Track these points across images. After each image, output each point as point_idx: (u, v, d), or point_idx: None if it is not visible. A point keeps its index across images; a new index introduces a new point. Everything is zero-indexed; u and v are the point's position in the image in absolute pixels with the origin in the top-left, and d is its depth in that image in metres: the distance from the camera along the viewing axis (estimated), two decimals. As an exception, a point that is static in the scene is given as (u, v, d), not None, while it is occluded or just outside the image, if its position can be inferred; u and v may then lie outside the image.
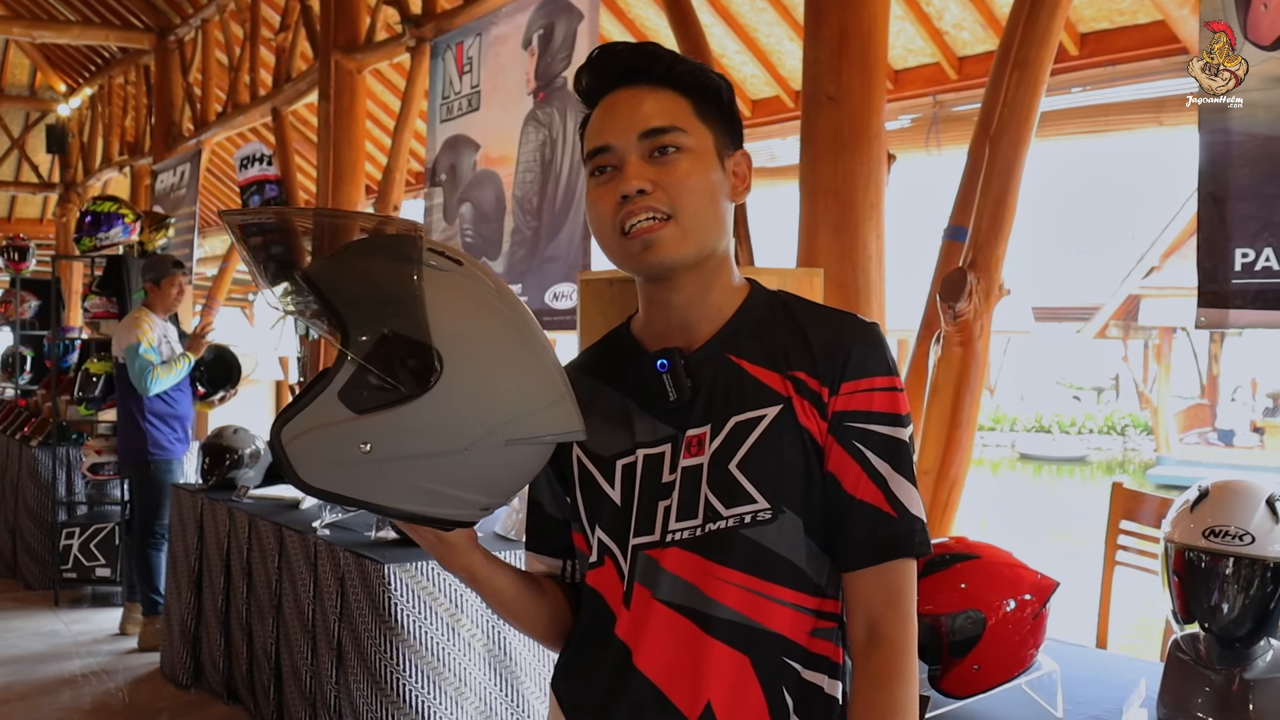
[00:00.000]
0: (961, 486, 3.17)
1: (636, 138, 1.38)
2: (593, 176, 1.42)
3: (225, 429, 5.59)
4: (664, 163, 1.38)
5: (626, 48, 1.45)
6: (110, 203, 7.28)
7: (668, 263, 1.38)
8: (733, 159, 1.46)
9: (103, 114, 13.34)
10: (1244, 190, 2.59)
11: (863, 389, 1.40)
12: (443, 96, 5.78)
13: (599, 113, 1.43)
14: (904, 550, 1.39)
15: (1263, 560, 2.10)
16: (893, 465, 1.39)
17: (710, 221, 1.41)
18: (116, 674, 5.71)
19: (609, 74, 1.44)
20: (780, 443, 1.39)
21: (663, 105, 1.40)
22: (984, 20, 5.09)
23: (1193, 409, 22.43)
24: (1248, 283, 2.60)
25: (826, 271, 3.16)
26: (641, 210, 1.36)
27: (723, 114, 1.45)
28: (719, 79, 1.46)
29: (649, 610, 1.40)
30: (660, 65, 1.42)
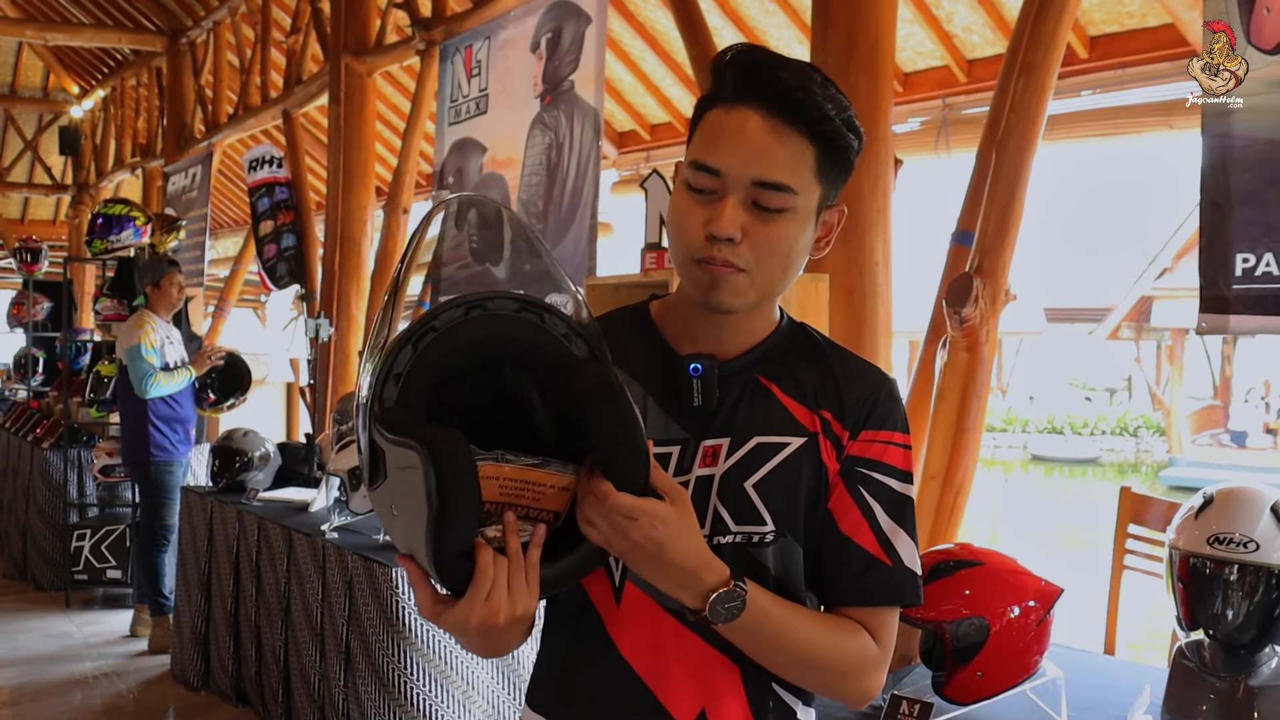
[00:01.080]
0: (968, 492, 3.17)
1: (750, 181, 1.32)
2: (689, 185, 1.36)
3: (235, 431, 5.60)
4: (763, 218, 1.33)
5: (785, 72, 1.33)
6: (121, 205, 7.30)
7: (727, 307, 1.37)
8: (829, 212, 1.40)
9: (115, 116, 13.40)
10: (1246, 195, 2.59)
11: (880, 439, 1.41)
12: (451, 100, 5.80)
13: (723, 124, 1.34)
14: (890, 598, 1.40)
15: (1267, 567, 2.10)
16: (895, 519, 1.40)
17: (781, 282, 1.39)
18: (127, 675, 5.73)
19: (754, 88, 1.33)
20: (800, 474, 1.40)
21: (788, 157, 1.32)
22: (994, 23, 5.08)
23: (1205, 410, 22.38)
24: (1249, 288, 2.59)
25: (833, 277, 3.16)
26: (722, 258, 1.33)
27: (841, 172, 1.38)
28: (855, 138, 1.36)
29: (649, 614, 1.40)
30: (809, 115, 1.31)
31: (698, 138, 1.37)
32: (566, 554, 1.27)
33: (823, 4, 3.38)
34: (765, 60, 1.34)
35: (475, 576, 1.20)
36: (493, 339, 1.25)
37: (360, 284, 6.88)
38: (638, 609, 1.40)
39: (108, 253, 7.11)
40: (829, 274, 3.17)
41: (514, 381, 1.31)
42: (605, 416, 1.23)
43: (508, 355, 1.28)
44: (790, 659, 1.37)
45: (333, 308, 6.91)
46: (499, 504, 1.22)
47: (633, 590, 1.40)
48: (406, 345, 1.21)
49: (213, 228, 10.85)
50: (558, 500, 1.26)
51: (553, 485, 1.24)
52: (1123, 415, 26.30)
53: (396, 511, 1.21)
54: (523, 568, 1.22)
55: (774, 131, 1.31)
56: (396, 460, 1.19)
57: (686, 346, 1.45)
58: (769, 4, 5.86)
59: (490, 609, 1.21)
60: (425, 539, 1.17)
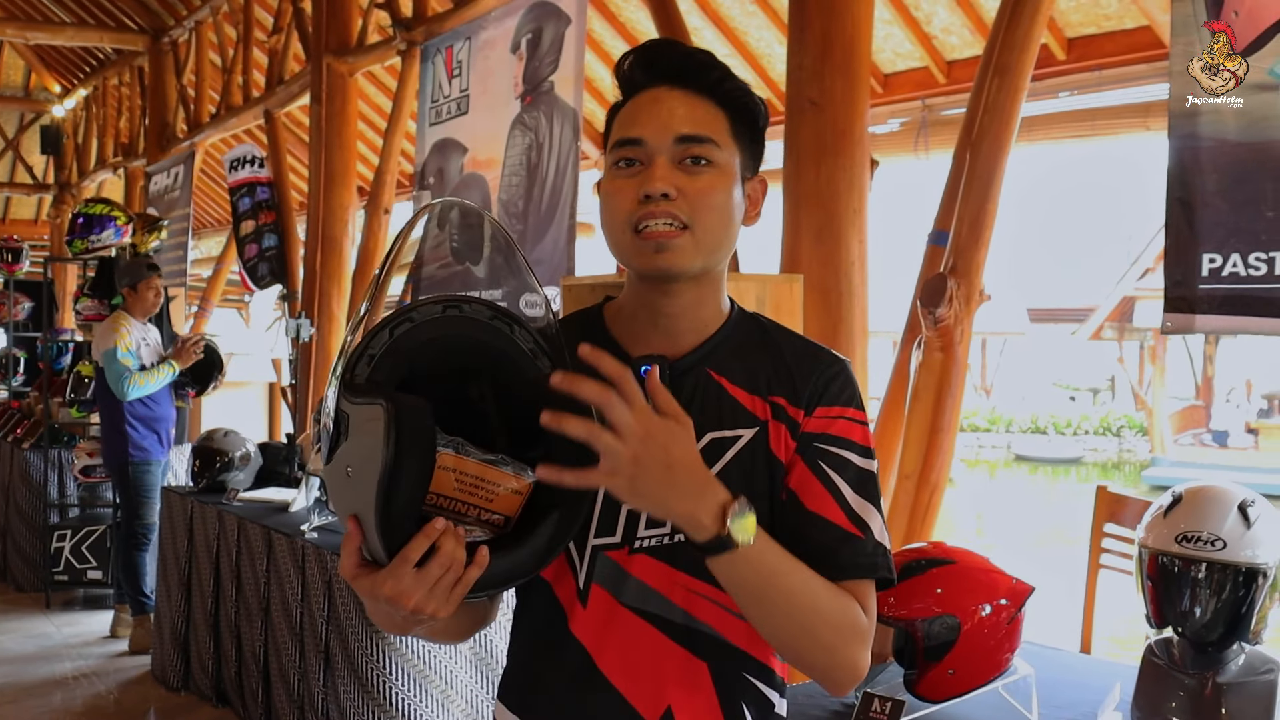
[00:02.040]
0: (942, 490, 3.18)
1: (672, 140, 1.37)
2: (615, 167, 1.41)
3: (216, 432, 5.59)
4: (693, 172, 1.37)
5: (680, 49, 1.44)
6: (102, 205, 7.27)
7: (674, 270, 1.39)
8: (751, 183, 1.46)
9: (97, 115, 13.36)
10: (1212, 196, 2.61)
11: (835, 415, 1.42)
12: (432, 100, 5.80)
13: (636, 104, 1.41)
14: (870, 570, 1.39)
15: (1234, 565, 2.11)
16: (861, 493, 1.40)
17: (722, 239, 1.41)
18: (107, 676, 5.71)
19: (656, 69, 1.42)
20: (753, 465, 1.41)
21: (702, 115, 1.39)
22: (972, 25, 5.10)
23: (1187, 410, 22.49)
24: (1215, 288, 2.61)
25: (808, 277, 3.17)
26: (662, 214, 1.35)
27: (753, 137, 1.45)
28: (760, 103, 1.45)
29: (614, 614, 1.40)
30: (710, 76, 1.41)
31: (614, 130, 1.43)
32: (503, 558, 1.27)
33: (799, 5, 3.39)
34: (662, 46, 1.45)
35: (405, 548, 1.20)
36: (464, 340, 1.29)
37: (341, 284, 6.87)
38: (603, 608, 1.41)
39: (88, 253, 7.08)
40: (804, 274, 3.18)
41: (474, 393, 1.33)
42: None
43: (476, 359, 1.31)
44: (793, 605, 1.32)
45: (314, 308, 6.90)
46: (452, 499, 1.24)
47: (598, 590, 1.41)
48: (384, 330, 1.26)
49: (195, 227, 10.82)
50: (509, 504, 1.27)
51: (507, 487, 1.26)
52: (1106, 415, 26.38)
53: (352, 471, 1.22)
54: (455, 569, 1.22)
55: (684, 98, 1.40)
56: (360, 418, 1.21)
57: (638, 347, 1.46)
58: (749, 5, 5.87)
59: (403, 588, 1.20)
60: (377, 489, 1.18)
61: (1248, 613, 2.13)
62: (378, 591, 1.21)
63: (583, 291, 3.03)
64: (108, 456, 6.20)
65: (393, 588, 1.20)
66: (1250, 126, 2.55)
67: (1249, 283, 2.56)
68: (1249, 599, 2.12)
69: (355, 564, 1.24)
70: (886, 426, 3.43)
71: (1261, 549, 2.12)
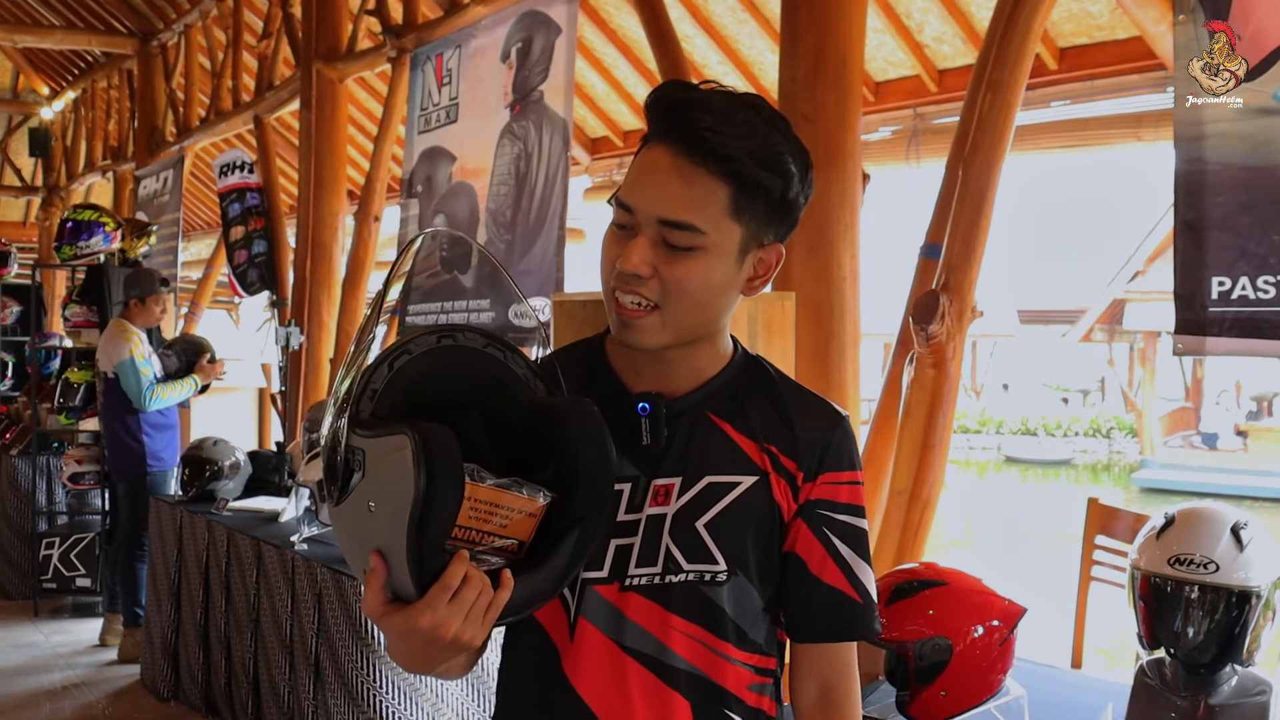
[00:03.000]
0: (934, 508, 3.18)
1: (655, 219, 1.33)
2: (614, 219, 1.39)
3: (205, 440, 5.57)
4: (672, 256, 1.33)
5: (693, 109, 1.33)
6: (91, 210, 7.23)
7: (639, 346, 1.39)
8: (762, 251, 1.39)
9: (86, 118, 13.31)
10: (1220, 220, 2.62)
11: (840, 481, 1.46)
12: (421, 108, 5.78)
13: (642, 161, 1.36)
14: (863, 633, 1.49)
15: (1226, 588, 2.12)
16: (856, 552, 1.47)
17: (698, 321, 1.39)
18: (96, 686, 5.69)
19: (663, 127, 1.35)
20: (750, 513, 1.42)
21: (695, 196, 1.32)
22: (964, 34, 5.10)
23: (1177, 412, 22.53)
24: (1224, 310, 2.62)
25: (800, 292, 3.17)
26: (631, 293, 1.35)
27: (769, 209, 1.36)
28: (776, 176, 1.34)
29: (611, 656, 1.40)
30: (716, 154, 1.31)
31: (628, 174, 1.40)
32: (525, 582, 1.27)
33: (791, 19, 3.38)
34: (682, 100, 1.35)
35: (443, 576, 1.19)
36: (459, 369, 1.30)
37: (331, 291, 6.85)
38: (591, 644, 1.40)
39: (77, 258, 7.04)
40: (796, 289, 3.18)
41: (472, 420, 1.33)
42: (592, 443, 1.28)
43: (472, 387, 1.31)
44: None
45: (304, 315, 6.88)
46: (467, 528, 1.22)
47: (586, 625, 1.41)
48: (383, 364, 1.26)
49: (185, 230, 10.76)
50: (524, 528, 1.26)
51: (521, 510, 1.25)
52: (1096, 417, 26.43)
53: (374, 506, 1.21)
54: (486, 593, 1.21)
55: (681, 170, 1.32)
56: (379, 450, 1.20)
57: (638, 383, 1.45)
58: (741, 13, 5.86)
59: (443, 618, 1.19)
60: (409, 521, 1.17)
61: (1240, 634, 2.14)
62: (413, 625, 1.20)
63: (574, 307, 3.02)
64: (120, 467, 6.17)
65: (430, 619, 1.19)
66: (1255, 150, 2.56)
67: (1259, 305, 2.58)
68: (1241, 621, 2.13)
69: (382, 601, 1.22)
70: (878, 442, 3.42)
71: (1254, 571, 2.13)
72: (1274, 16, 2.50)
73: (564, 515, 1.28)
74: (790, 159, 1.36)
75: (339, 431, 1.24)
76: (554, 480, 1.28)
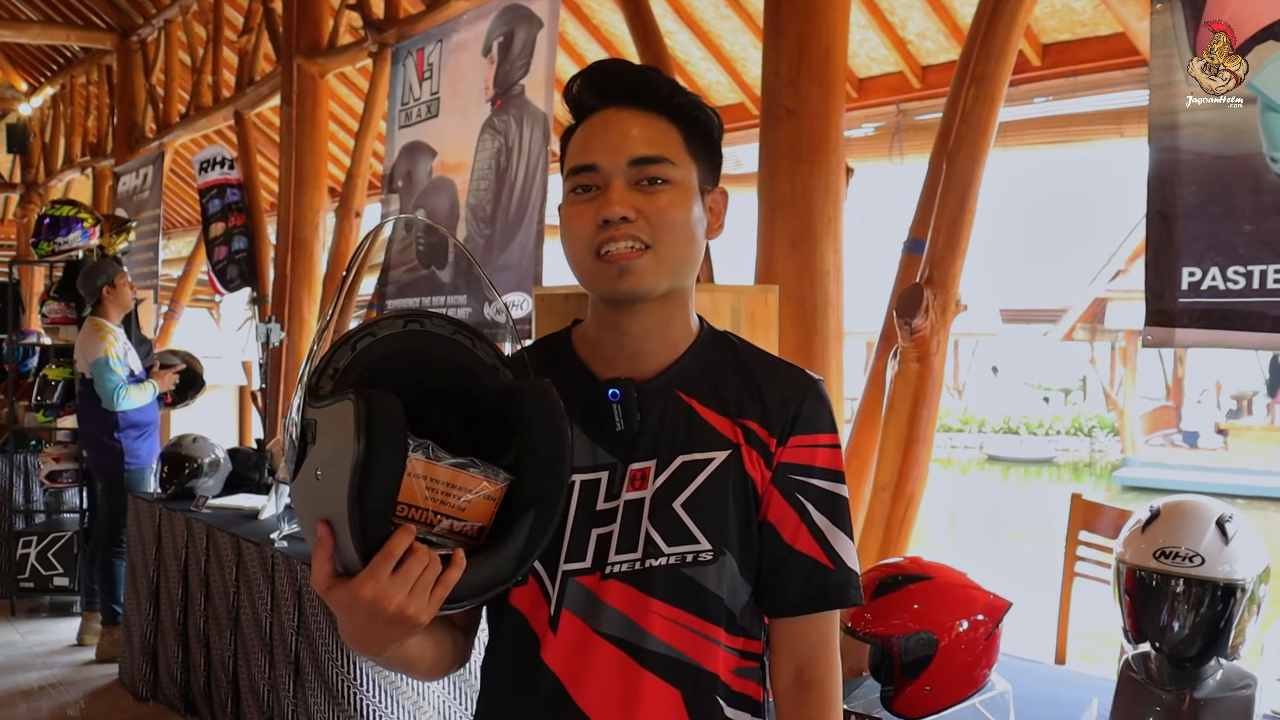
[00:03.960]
0: (918, 502, 3.17)
1: (626, 163, 1.37)
2: (573, 193, 1.40)
3: (184, 438, 5.53)
4: (650, 192, 1.37)
5: (627, 68, 1.44)
6: (69, 207, 7.19)
7: (640, 292, 1.38)
8: (711, 195, 1.45)
9: (65, 114, 13.22)
10: (1192, 209, 2.61)
11: (809, 444, 1.43)
12: (402, 103, 5.74)
13: (588, 129, 1.41)
14: (838, 601, 1.44)
15: (1212, 581, 2.11)
16: (832, 519, 1.43)
17: (685, 256, 1.41)
18: (74, 686, 5.64)
19: (605, 91, 1.41)
20: (726, 488, 1.40)
21: (655, 133, 1.39)
22: (947, 30, 5.10)
23: (1158, 411, 22.62)
24: (1194, 301, 2.61)
25: (784, 286, 3.15)
26: (623, 237, 1.35)
27: (709, 149, 1.45)
28: (713, 114, 1.45)
29: (586, 642, 1.39)
30: (660, 93, 1.40)
31: (569, 155, 1.43)
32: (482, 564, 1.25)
33: (774, 13, 3.37)
34: (607, 66, 1.44)
35: (386, 545, 1.17)
36: (426, 354, 1.29)
37: (312, 288, 6.80)
38: (572, 633, 1.39)
39: (55, 255, 6.99)
40: (779, 283, 3.16)
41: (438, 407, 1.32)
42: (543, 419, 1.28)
43: (439, 373, 1.30)
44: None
45: (284, 311, 6.83)
46: (423, 509, 1.21)
47: (569, 616, 1.39)
48: (346, 345, 1.25)
49: (165, 228, 10.69)
50: (482, 511, 1.25)
51: (479, 492, 1.24)
52: (1077, 415, 26.53)
53: (321, 473, 1.20)
54: (434, 566, 1.19)
55: (633, 117, 1.40)
56: (327, 419, 1.20)
57: (606, 370, 1.45)
58: (724, 8, 5.85)
59: (384, 589, 1.17)
60: (349, 484, 1.15)
61: (1225, 628, 2.13)
62: (356, 596, 1.18)
63: (556, 301, 3.00)
64: (98, 465, 6.13)
65: (372, 589, 1.17)
66: (1228, 139, 2.55)
67: (1227, 296, 2.56)
68: (1227, 614, 2.12)
69: (328, 574, 1.20)
70: (862, 437, 3.41)
71: (1239, 564, 2.12)
72: (1249, 6, 2.50)
73: (520, 496, 1.27)
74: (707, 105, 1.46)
75: (297, 408, 1.24)
76: (514, 464, 1.28)
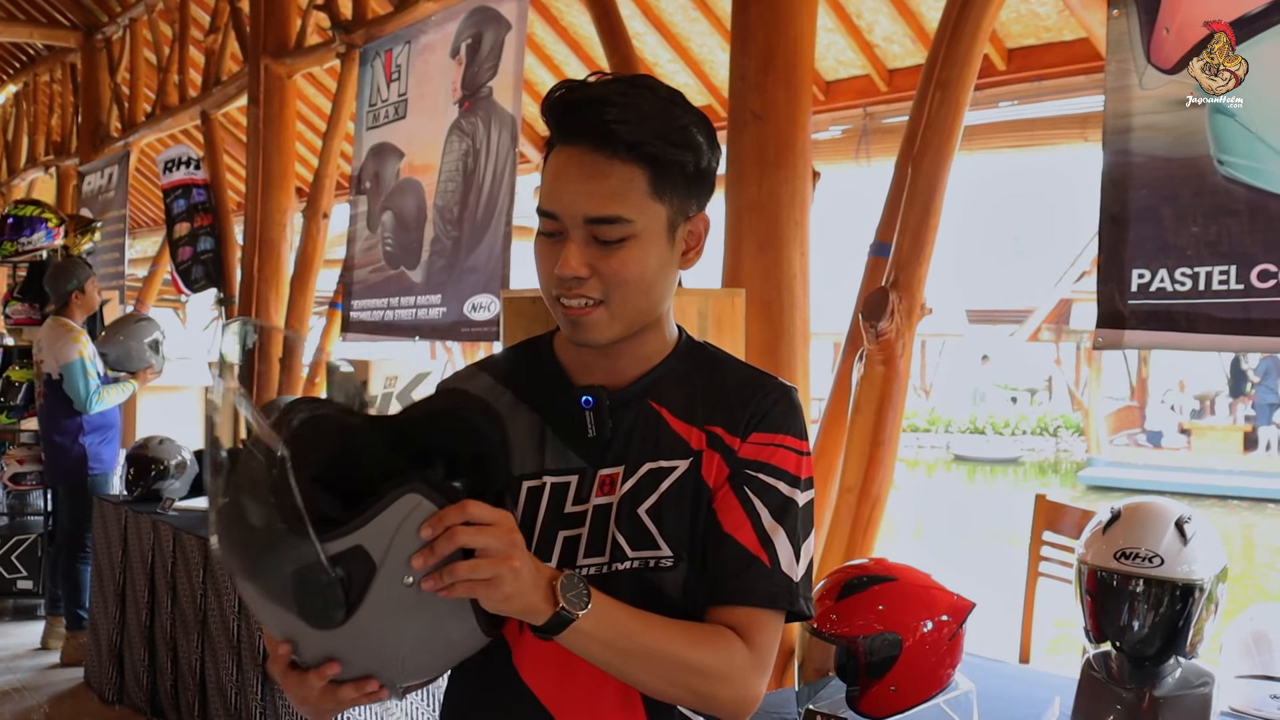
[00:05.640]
0: (884, 504, 3.19)
1: (582, 221, 1.35)
2: (541, 229, 1.39)
3: (151, 439, 5.50)
4: (606, 251, 1.35)
5: (594, 105, 1.34)
6: (33, 206, 7.13)
7: (591, 343, 1.40)
8: (690, 223, 1.42)
9: (28, 112, 13.10)
10: (1143, 211, 2.64)
11: (769, 442, 1.42)
12: (370, 104, 5.73)
13: (554, 166, 1.37)
14: (766, 600, 1.38)
15: (1171, 581, 2.14)
16: (779, 520, 1.39)
17: (644, 306, 1.40)
18: (39, 690, 5.60)
19: (566, 129, 1.37)
20: (686, 496, 1.41)
21: (615, 186, 1.34)
22: (913, 34, 5.13)
23: (1122, 411, 22.79)
24: (1143, 303, 2.64)
25: (750, 289, 3.17)
26: (574, 296, 1.36)
27: (687, 182, 1.39)
28: (688, 151, 1.37)
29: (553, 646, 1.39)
30: (625, 142, 1.33)
31: (542, 182, 1.40)
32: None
33: (742, 17, 3.39)
34: (579, 99, 1.36)
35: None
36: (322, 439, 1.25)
37: (280, 288, 6.78)
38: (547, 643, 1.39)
39: (18, 255, 6.94)
40: (746, 286, 3.18)
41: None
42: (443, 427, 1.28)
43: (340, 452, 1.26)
44: (655, 661, 1.32)
45: (251, 312, 6.80)
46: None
47: None
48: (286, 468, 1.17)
49: (131, 228, 10.61)
50: None
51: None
52: (1043, 416, 26.70)
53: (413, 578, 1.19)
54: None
55: (596, 166, 1.34)
56: (387, 527, 1.17)
57: (584, 377, 1.47)
58: (692, 11, 5.87)
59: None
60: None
61: (1184, 627, 2.16)
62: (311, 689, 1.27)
63: (523, 304, 3.01)
64: (59, 469, 6.07)
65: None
66: (1177, 142, 2.59)
67: (1174, 298, 2.60)
68: (1185, 614, 2.15)
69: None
70: (828, 440, 3.43)
71: (1198, 565, 2.15)
72: (1199, 9, 2.54)
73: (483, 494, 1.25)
74: (696, 130, 1.38)
75: (306, 558, 1.17)
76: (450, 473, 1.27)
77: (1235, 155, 2.49)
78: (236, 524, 1.21)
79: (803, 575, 1.41)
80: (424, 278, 5.04)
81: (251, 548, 1.21)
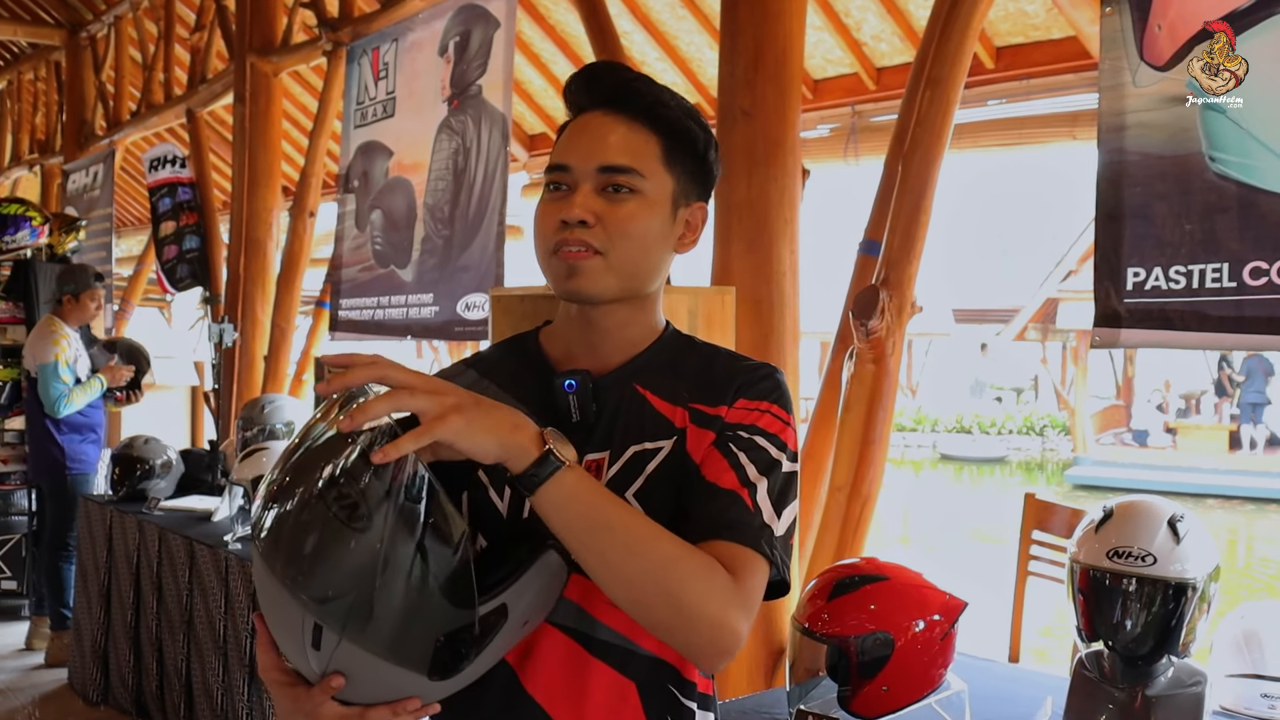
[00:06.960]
0: (874, 503, 3.18)
1: (595, 169, 1.38)
2: (547, 189, 1.43)
3: (136, 439, 5.46)
4: (613, 200, 1.38)
5: (617, 73, 1.45)
6: (17, 205, 7.09)
7: (584, 293, 1.39)
8: (689, 209, 1.46)
9: (12, 110, 13.03)
10: (1137, 209, 2.64)
11: (755, 407, 1.41)
12: (357, 102, 5.71)
13: (571, 130, 1.44)
14: (747, 537, 1.31)
15: (1164, 580, 2.13)
16: (765, 475, 1.36)
17: (641, 267, 1.41)
18: (23, 691, 5.56)
19: (591, 93, 1.44)
20: (673, 476, 1.40)
21: (630, 143, 1.40)
22: (902, 33, 5.13)
23: (1109, 410, 22.87)
24: (1138, 302, 2.64)
25: (740, 287, 3.15)
26: (575, 241, 1.37)
27: (694, 162, 1.45)
28: (699, 129, 1.44)
29: (553, 644, 1.39)
30: (643, 101, 1.41)
31: (555, 146, 1.45)
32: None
33: (731, 14, 3.38)
34: (597, 70, 1.46)
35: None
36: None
37: (266, 287, 6.75)
38: (540, 638, 1.39)
39: (3, 253, 6.90)
40: (735, 284, 3.17)
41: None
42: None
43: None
44: (633, 541, 1.24)
45: (238, 311, 6.78)
46: None
47: None
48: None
49: (117, 226, 10.56)
50: None
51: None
52: (1029, 415, 26.77)
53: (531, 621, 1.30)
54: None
55: (614, 122, 1.41)
56: (532, 586, 1.28)
57: (568, 365, 1.47)
58: (680, 9, 5.86)
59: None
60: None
61: (1177, 626, 2.16)
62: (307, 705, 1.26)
63: (511, 302, 2.99)
64: (40, 468, 6.04)
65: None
66: (1170, 139, 2.58)
67: (1169, 296, 2.59)
68: (1178, 613, 2.15)
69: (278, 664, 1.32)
70: (818, 438, 3.42)
71: (1190, 564, 2.15)
72: (1190, 6, 2.53)
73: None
74: (700, 119, 1.46)
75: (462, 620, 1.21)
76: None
77: (1226, 152, 2.48)
78: (353, 578, 1.15)
79: (782, 534, 1.35)
80: (415, 276, 5.01)
81: (383, 605, 1.16)
